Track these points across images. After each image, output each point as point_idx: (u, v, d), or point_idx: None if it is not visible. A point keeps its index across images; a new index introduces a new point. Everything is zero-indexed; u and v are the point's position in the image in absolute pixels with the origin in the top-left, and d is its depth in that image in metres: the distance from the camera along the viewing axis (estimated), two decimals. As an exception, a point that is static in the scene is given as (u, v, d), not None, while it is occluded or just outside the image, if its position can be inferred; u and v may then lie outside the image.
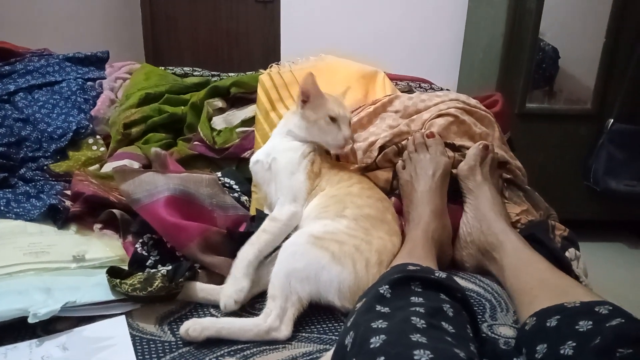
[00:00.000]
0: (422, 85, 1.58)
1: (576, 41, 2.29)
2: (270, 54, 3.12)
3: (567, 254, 0.90)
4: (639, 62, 2.05)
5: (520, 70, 2.11)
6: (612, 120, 2.12)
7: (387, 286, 0.66)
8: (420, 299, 0.63)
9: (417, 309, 0.61)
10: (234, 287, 0.81)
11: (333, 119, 1.01)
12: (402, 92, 1.41)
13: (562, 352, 0.56)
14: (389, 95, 1.26)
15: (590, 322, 0.58)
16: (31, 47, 1.72)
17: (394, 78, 1.51)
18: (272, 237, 0.88)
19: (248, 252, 0.86)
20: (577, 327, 0.58)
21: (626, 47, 2.06)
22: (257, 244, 0.87)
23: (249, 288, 0.82)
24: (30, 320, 0.71)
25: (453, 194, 1.03)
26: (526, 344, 0.64)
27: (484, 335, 0.74)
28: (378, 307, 0.63)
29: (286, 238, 0.87)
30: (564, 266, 0.86)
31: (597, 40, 2.10)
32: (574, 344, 0.56)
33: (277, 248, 0.85)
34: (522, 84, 2.13)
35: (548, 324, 0.62)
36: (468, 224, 0.97)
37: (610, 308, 0.61)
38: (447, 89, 1.52)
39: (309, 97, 1.02)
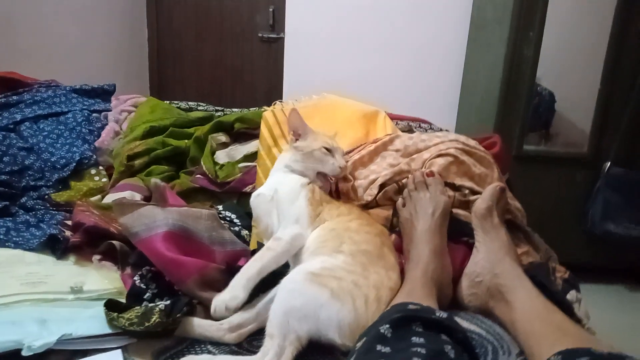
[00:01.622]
0: (422, 125, 1.61)
1: (572, 87, 2.35)
2: (272, 91, 3.18)
3: (568, 296, 0.90)
4: (634, 108, 2.10)
5: (517, 114, 2.16)
6: (609, 163, 2.15)
7: (387, 325, 0.66)
8: (422, 340, 0.63)
9: (418, 349, 0.60)
10: (230, 294, 0.82)
11: (328, 150, 1.07)
12: (403, 131, 1.44)
13: None
14: (390, 134, 1.29)
15: None
16: (39, 78, 1.76)
17: (394, 118, 1.54)
18: (276, 255, 0.89)
19: (251, 266, 0.86)
20: None
21: (621, 94, 2.11)
22: (260, 260, 0.88)
23: (244, 300, 0.82)
24: (24, 353, 0.70)
25: (452, 233, 1.03)
26: None
27: (485, 378, 0.73)
28: (379, 347, 0.62)
29: (284, 274, 0.86)
30: (566, 309, 0.85)
31: (593, 87, 2.15)
32: None
33: (275, 283, 0.85)
34: (519, 127, 2.17)
35: None
36: (478, 265, 0.95)
37: None
38: (447, 130, 1.55)
39: (299, 132, 1.10)
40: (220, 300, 0.81)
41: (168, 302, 0.85)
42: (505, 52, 2.09)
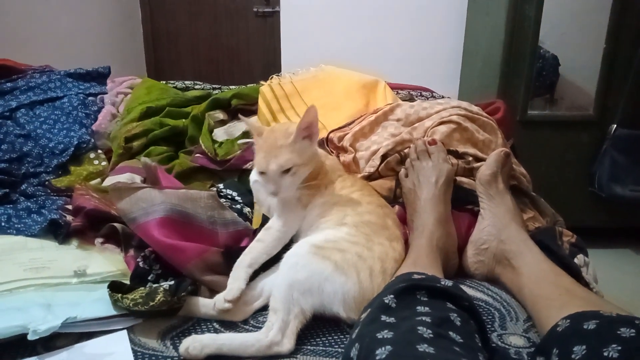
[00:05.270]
0: (424, 93, 1.58)
1: (576, 48, 2.29)
2: (270, 67, 3.13)
3: (575, 260, 0.89)
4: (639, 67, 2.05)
5: (520, 77, 2.11)
6: (615, 125, 2.11)
7: (392, 296, 0.65)
8: (427, 308, 0.62)
9: (424, 318, 0.59)
10: (227, 289, 0.82)
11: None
12: (404, 100, 1.41)
13: (605, 354, 0.54)
14: (391, 103, 1.26)
15: (634, 331, 0.56)
16: (33, 64, 1.73)
17: (395, 87, 1.51)
18: (265, 246, 0.88)
19: (242, 260, 0.86)
20: (619, 332, 0.56)
21: (626, 52, 2.06)
22: (249, 253, 0.87)
23: (241, 288, 0.82)
24: (30, 337, 0.70)
25: (457, 201, 1.02)
26: (559, 345, 0.61)
27: (494, 345, 0.73)
28: (383, 317, 0.61)
29: (287, 248, 0.85)
30: (574, 273, 0.84)
31: (597, 47, 2.10)
32: (619, 348, 0.54)
33: (279, 259, 0.84)
34: (523, 92, 2.12)
35: (585, 327, 0.60)
36: (484, 231, 0.94)
37: None
38: (449, 97, 1.51)
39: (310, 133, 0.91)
40: (218, 299, 0.81)
41: (172, 282, 0.84)
42: (506, 12, 2.03)
